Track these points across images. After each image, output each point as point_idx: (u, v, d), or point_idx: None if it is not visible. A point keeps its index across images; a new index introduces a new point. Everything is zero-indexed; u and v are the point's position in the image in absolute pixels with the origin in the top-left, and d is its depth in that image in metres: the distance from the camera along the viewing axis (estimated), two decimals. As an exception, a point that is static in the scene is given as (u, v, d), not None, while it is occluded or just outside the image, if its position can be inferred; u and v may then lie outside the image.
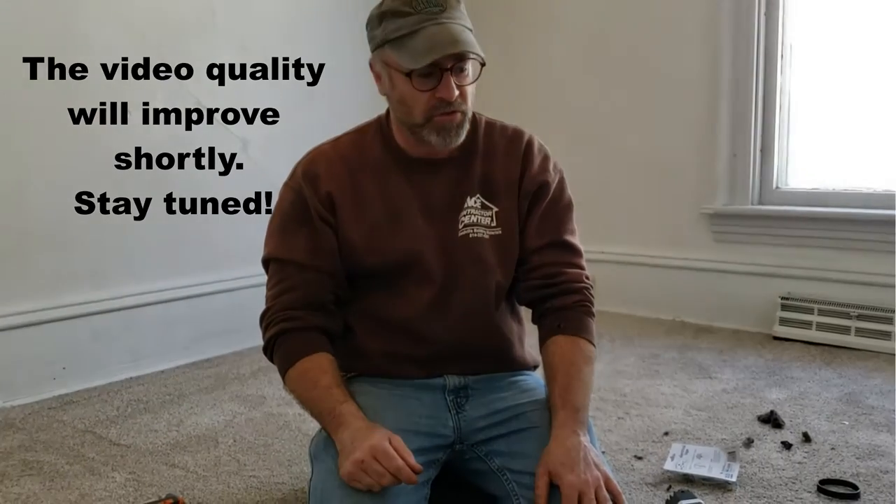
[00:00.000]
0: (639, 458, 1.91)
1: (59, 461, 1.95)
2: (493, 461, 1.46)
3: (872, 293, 2.86)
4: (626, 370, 2.66)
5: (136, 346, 2.66)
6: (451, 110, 1.39)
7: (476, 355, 1.54)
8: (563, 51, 3.61)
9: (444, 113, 1.39)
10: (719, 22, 3.15)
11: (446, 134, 1.42)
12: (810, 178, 3.12)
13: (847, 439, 2.02)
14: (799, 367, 2.65)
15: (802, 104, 3.11)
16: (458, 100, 1.39)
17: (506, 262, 1.53)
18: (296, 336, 1.46)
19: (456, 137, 1.44)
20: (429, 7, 1.35)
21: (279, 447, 2.02)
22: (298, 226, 1.50)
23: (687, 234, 3.34)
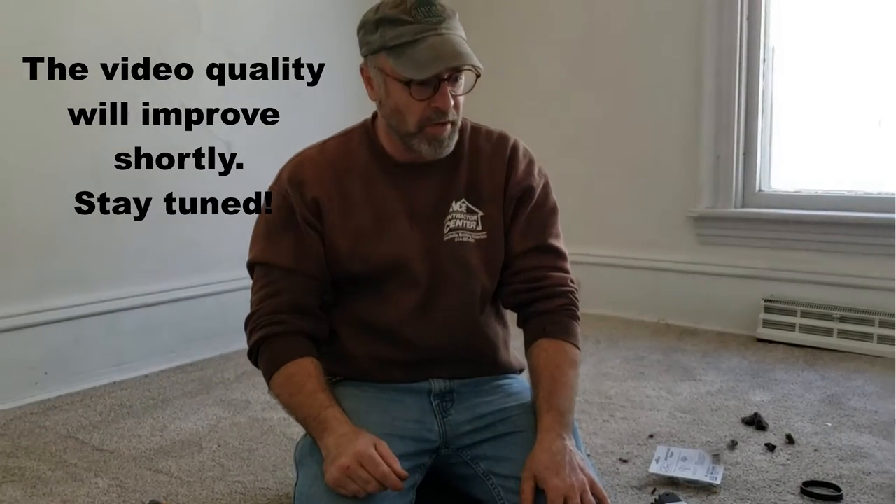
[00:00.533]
0: (624, 461, 1.92)
1: (42, 467, 1.93)
2: (478, 465, 1.46)
3: (855, 295, 2.89)
4: (612, 372, 2.67)
5: (119, 350, 2.64)
6: (443, 121, 1.40)
7: (461, 359, 1.54)
8: (549, 56, 3.62)
9: (437, 123, 1.40)
10: (702, 26, 3.17)
11: (438, 144, 1.43)
12: (793, 180, 3.14)
13: (830, 441, 2.03)
14: (782, 369, 2.67)
15: (785, 107, 3.13)
16: (453, 110, 1.40)
17: (491, 266, 1.53)
18: (281, 340, 1.45)
19: (446, 148, 1.45)
20: (429, 17, 1.35)
21: (264, 452, 2.01)
22: (284, 230, 1.50)
23: (671, 236, 3.36)
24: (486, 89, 3.70)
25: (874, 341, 2.80)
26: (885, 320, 2.78)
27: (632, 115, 3.41)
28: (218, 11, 2.88)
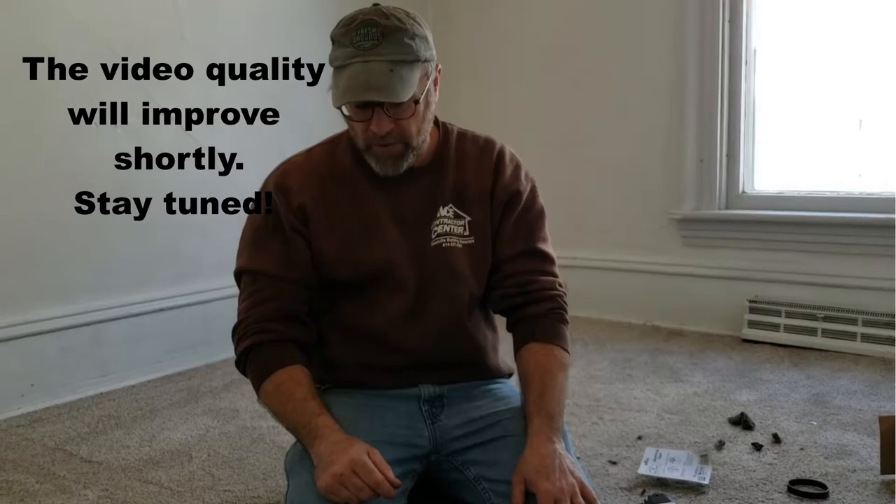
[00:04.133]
0: (613, 463, 1.93)
1: (29, 480, 1.92)
2: (469, 470, 1.46)
3: (838, 295, 2.92)
4: (600, 374, 2.68)
5: (105, 360, 2.62)
6: (383, 143, 1.40)
7: (450, 364, 1.54)
8: (531, 58, 3.64)
9: (381, 144, 1.40)
10: (684, 29, 3.19)
11: (383, 163, 1.44)
12: (776, 182, 3.17)
13: (816, 439, 2.05)
14: (768, 369, 2.69)
15: (767, 109, 3.16)
16: (395, 133, 1.39)
17: (479, 271, 1.53)
18: (269, 349, 1.45)
19: (394, 168, 1.44)
20: (362, 41, 1.33)
21: (254, 461, 2.01)
22: (270, 238, 1.50)
23: (656, 238, 3.38)
24: (468, 91, 3.76)
25: (858, 340, 2.83)
26: (868, 319, 2.81)
27: (615, 118, 3.43)
28: (216, 12, 2.90)
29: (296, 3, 3.27)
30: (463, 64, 3.73)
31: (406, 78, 1.34)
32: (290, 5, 3.25)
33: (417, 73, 1.37)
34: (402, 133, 1.40)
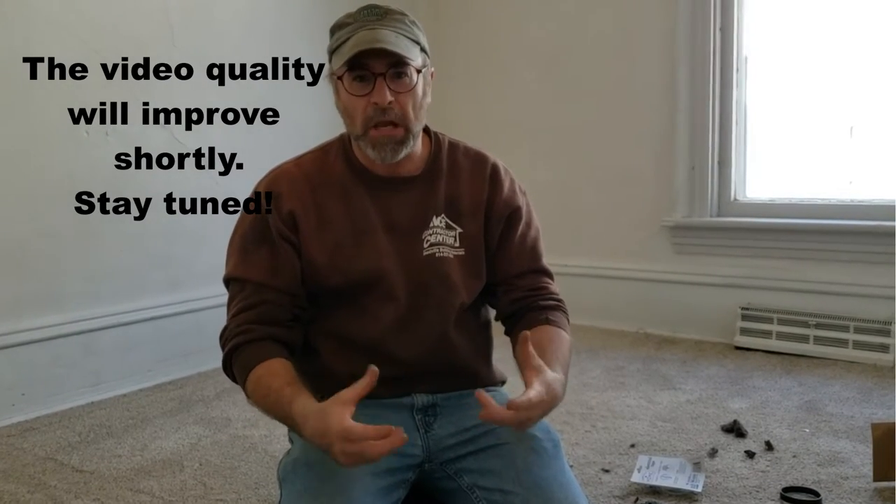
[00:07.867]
0: (606, 471, 1.93)
1: (20, 490, 1.91)
2: (462, 479, 1.46)
3: (830, 302, 2.93)
4: (592, 382, 2.68)
5: (96, 369, 2.61)
6: (387, 120, 1.39)
7: (443, 373, 1.54)
8: (523, 66, 3.65)
9: (381, 125, 1.39)
10: (676, 37, 3.21)
11: (381, 148, 1.42)
12: (767, 189, 3.18)
13: (808, 447, 2.05)
14: (760, 377, 2.70)
15: (758, 116, 3.18)
16: (396, 109, 1.38)
17: (469, 282, 1.53)
18: (250, 347, 1.43)
19: (393, 153, 1.42)
20: (368, 16, 1.38)
21: (246, 470, 2.00)
22: (258, 245, 1.49)
23: (648, 246, 3.38)
24: (461, 99, 3.76)
25: (849, 347, 2.84)
26: (860, 326, 2.82)
27: (606, 126, 3.44)
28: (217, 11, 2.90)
29: (296, 3, 3.27)
30: (455, 72, 3.74)
31: (410, 47, 1.38)
32: (291, 5, 3.26)
33: (419, 53, 1.41)
34: (402, 111, 1.39)
